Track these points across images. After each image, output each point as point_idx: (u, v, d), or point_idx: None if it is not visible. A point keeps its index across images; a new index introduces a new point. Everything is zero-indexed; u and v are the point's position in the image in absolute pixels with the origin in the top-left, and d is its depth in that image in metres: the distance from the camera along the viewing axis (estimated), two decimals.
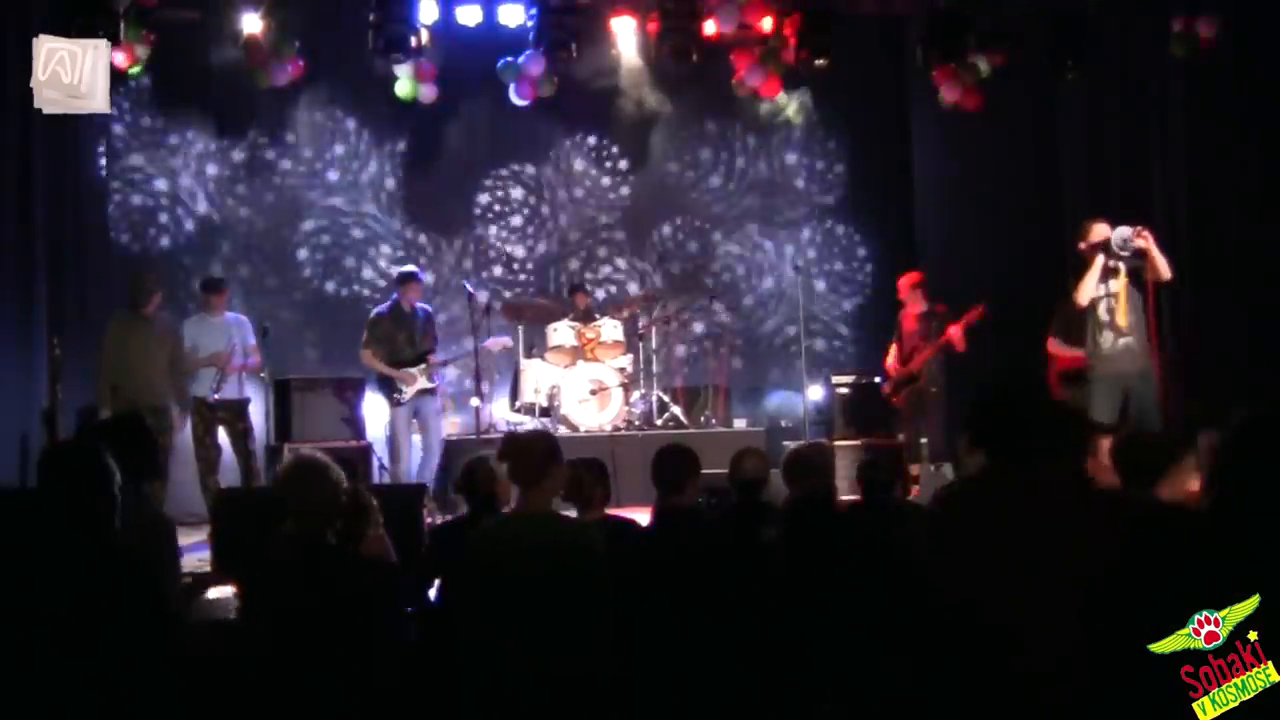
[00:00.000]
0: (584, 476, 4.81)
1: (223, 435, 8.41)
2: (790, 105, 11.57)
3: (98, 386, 8.04)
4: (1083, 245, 7.66)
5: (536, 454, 4.03)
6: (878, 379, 9.91)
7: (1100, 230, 7.59)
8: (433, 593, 4.74)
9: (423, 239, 11.01)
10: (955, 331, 8.97)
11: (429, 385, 8.87)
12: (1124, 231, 7.43)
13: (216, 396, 8.26)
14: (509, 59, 9.83)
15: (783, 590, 4.24)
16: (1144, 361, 7.48)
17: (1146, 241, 7.37)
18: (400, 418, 8.79)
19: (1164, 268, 7.41)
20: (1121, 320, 7.44)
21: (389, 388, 8.82)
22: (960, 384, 9.32)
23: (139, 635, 3.13)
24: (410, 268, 9.38)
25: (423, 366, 8.82)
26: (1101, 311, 7.55)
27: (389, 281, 10.78)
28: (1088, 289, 7.51)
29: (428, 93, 10.00)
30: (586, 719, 3.87)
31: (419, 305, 9.05)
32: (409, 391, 8.77)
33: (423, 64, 9.74)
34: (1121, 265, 7.47)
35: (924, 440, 9.13)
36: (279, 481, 3.62)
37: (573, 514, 4.83)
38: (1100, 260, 7.49)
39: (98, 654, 3.07)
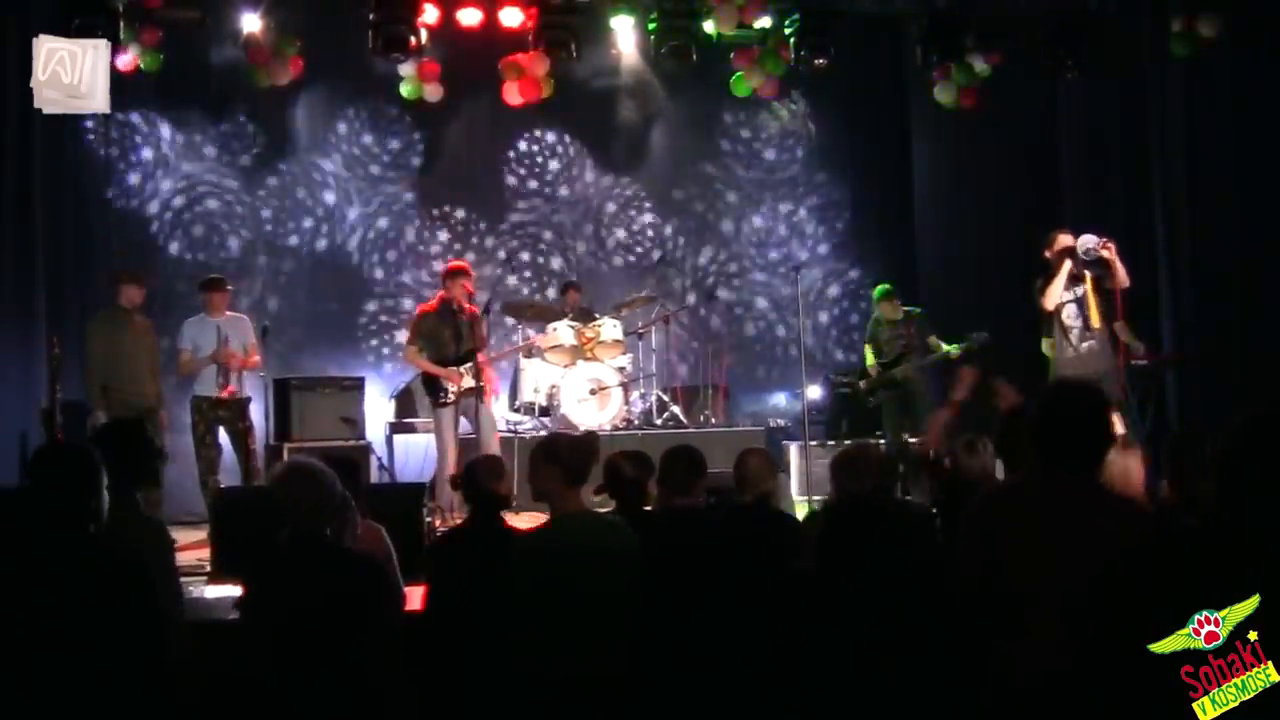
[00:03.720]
0: (623, 467, 4.74)
1: (223, 435, 8.40)
2: (790, 104, 11.59)
3: (88, 387, 8.00)
4: (1048, 253, 7.95)
5: (590, 453, 4.11)
6: (862, 382, 9.85)
7: (1064, 239, 7.91)
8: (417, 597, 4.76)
9: (421, 238, 11.01)
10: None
11: (476, 384, 8.27)
12: (1090, 240, 7.77)
13: (228, 391, 8.25)
14: (510, 58, 9.82)
15: (807, 590, 4.24)
16: (1108, 362, 7.79)
17: (1110, 253, 7.71)
18: (445, 419, 8.24)
19: (1123, 276, 7.76)
20: (1095, 321, 7.76)
21: (434, 388, 8.30)
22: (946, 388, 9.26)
23: (129, 634, 3.14)
24: (459, 262, 8.86)
25: (469, 365, 8.27)
26: (1066, 316, 7.87)
27: (384, 278, 10.80)
28: (1055, 294, 7.83)
29: (432, 92, 9.99)
30: (615, 715, 3.89)
31: (466, 305, 8.42)
32: (455, 391, 8.29)
33: (426, 63, 9.74)
34: (1086, 272, 7.80)
35: (913, 441, 9.15)
36: (275, 486, 3.65)
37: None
38: (1066, 266, 7.80)
39: (87, 653, 3.07)
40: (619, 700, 3.90)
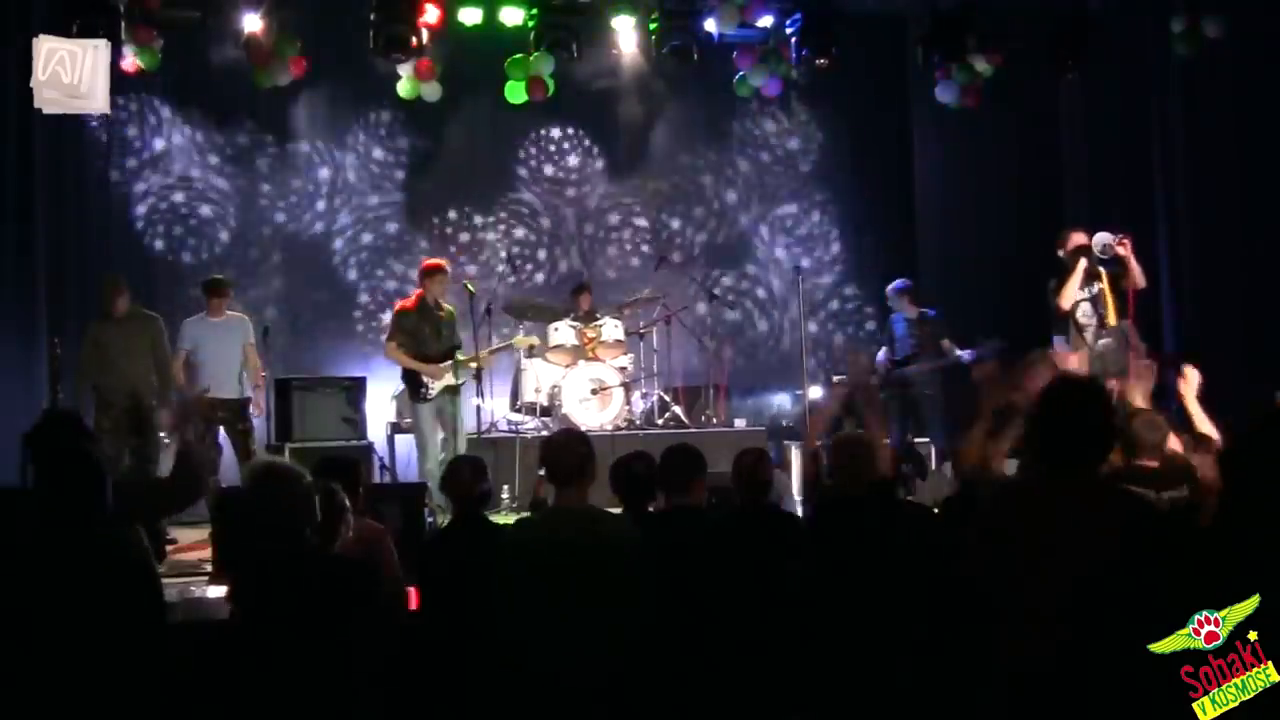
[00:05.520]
0: (630, 467, 4.73)
1: (223, 435, 8.40)
2: (791, 105, 11.59)
3: (76, 388, 8.02)
4: (1061, 252, 7.93)
5: (576, 453, 4.09)
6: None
7: (1077, 237, 7.90)
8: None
9: (422, 238, 11.01)
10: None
11: (455, 382, 8.37)
12: (1105, 237, 7.74)
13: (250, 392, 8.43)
14: (514, 57, 9.81)
15: (801, 587, 4.25)
16: (1123, 360, 7.67)
17: (1125, 249, 7.69)
18: (425, 414, 8.36)
19: (1139, 275, 7.75)
20: (1112, 319, 7.73)
21: (415, 383, 8.36)
22: (958, 388, 9.25)
23: (134, 631, 3.15)
24: (435, 260, 8.83)
25: (449, 363, 8.36)
26: (1080, 314, 7.83)
27: (386, 275, 10.80)
28: (1071, 292, 7.79)
29: (432, 92, 9.98)
30: (614, 712, 3.89)
31: (444, 304, 8.55)
32: (435, 387, 8.32)
33: (425, 63, 9.73)
34: (1102, 270, 7.77)
35: (916, 441, 9.14)
36: (245, 490, 3.58)
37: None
38: (1082, 265, 7.76)
39: (93, 649, 3.08)
40: (620, 698, 3.89)
